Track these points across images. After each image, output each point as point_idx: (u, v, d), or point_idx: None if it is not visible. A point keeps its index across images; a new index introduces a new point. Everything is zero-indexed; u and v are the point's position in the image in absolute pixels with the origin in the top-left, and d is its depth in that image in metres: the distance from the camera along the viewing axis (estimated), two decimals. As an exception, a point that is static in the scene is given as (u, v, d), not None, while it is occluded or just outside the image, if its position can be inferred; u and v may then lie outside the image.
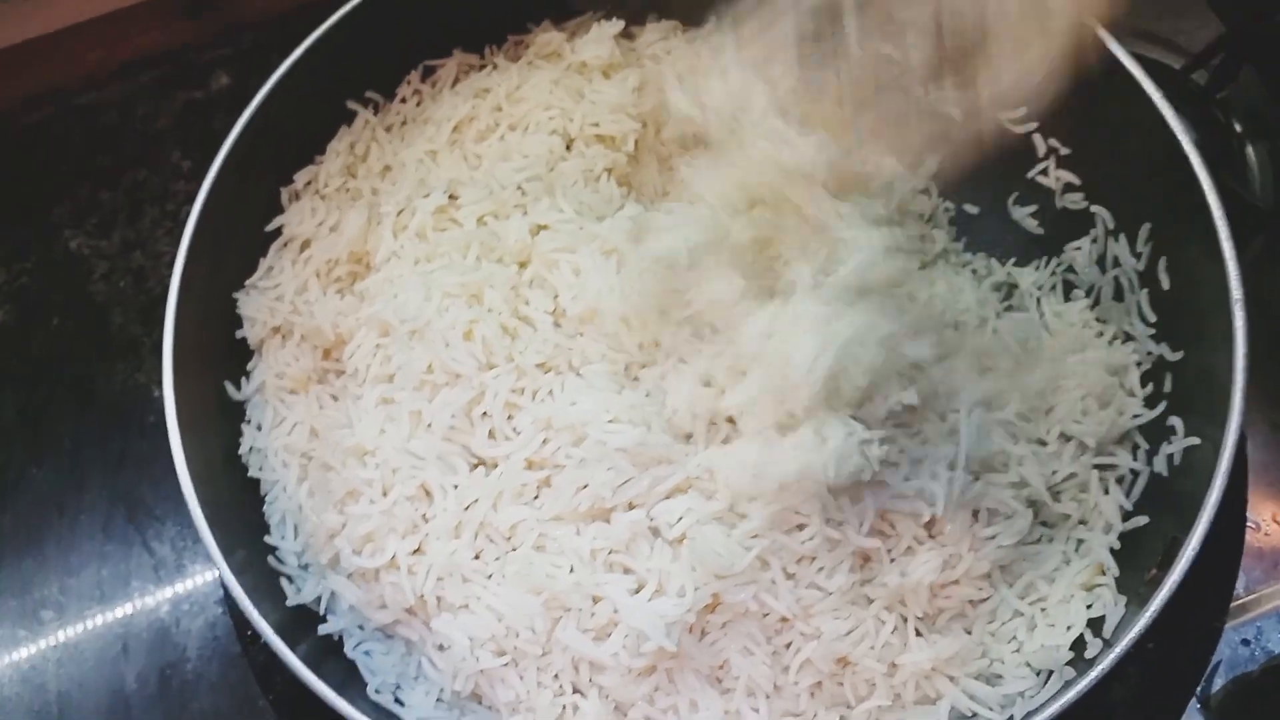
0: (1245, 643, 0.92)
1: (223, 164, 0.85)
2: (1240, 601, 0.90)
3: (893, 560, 0.76)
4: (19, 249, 1.11)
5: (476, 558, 0.76)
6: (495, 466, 0.78)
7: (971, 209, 0.96)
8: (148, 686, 0.89)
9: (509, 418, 0.79)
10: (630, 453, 0.74)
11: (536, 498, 0.77)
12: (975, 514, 0.77)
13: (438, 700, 0.77)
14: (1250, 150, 1.06)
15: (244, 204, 0.90)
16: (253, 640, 0.89)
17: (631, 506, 0.75)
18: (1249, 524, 0.90)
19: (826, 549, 0.73)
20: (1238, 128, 1.06)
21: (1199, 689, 0.86)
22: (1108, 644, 0.74)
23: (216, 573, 0.93)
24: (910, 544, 0.76)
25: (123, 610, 0.93)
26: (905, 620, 0.76)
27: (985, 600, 0.78)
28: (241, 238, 0.91)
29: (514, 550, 0.76)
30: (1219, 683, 0.90)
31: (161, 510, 0.97)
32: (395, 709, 0.76)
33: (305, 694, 0.71)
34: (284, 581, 0.80)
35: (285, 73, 0.89)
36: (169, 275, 1.05)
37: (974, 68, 0.71)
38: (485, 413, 0.79)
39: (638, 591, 0.72)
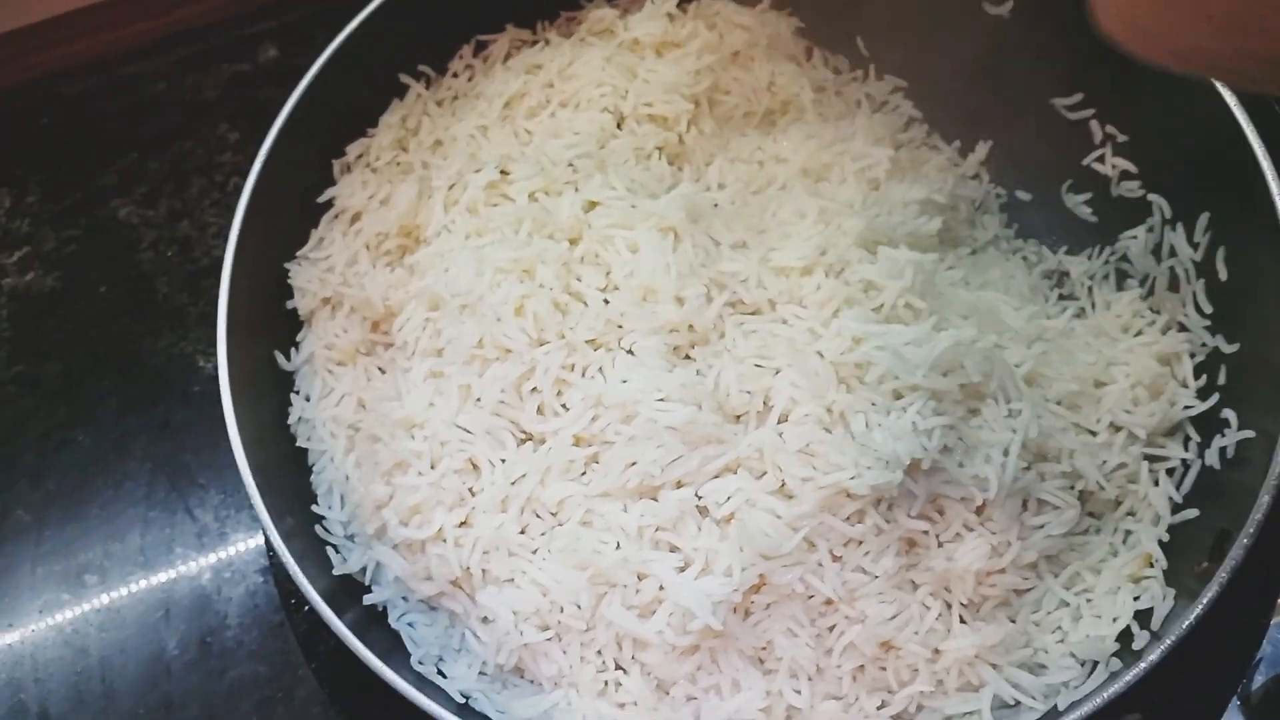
0: (1288, 640, 0.89)
1: (277, 134, 0.85)
2: (1285, 598, 0.88)
3: (940, 545, 0.75)
4: (68, 216, 1.11)
5: (523, 532, 0.76)
6: (543, 442, 0.78)
7: (1023, 195, 0.95)
8: (188, 652, 0.89)
9: (558, 394, 0.78)
10: (680, 431, 0.73)
11: (584, 474, 0.76)
12: (1024, 503, 0.76)
13: (480, 673, 0.76)
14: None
15: (296, 175, 0.90)
16: (296, 608, 0.89)
17: (680, 485, 0.74)
18: (1297, 519, 0.88)
19: (874, 533, 0.72)
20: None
21: (1240, 687, 0.84)
22: (1155, 636, 0.73)
23: (258, 541, 0.93)
24: (959, 530, 0.75)
25: (165, 576, 0.93)
26: (950, 606, 0.75)
27: (1030, 589, 0.77)
28: (293, 208, 0.91)
29: (560, 525, 0.76)
30: (1260, 680, 0.88)
31: (205, 478, 0.97)
32: (438, 680, 0.76)
33: (348, 663, 0.71)
34: (330, 551, 0.80)
35: (339, 46, 0.89)
36: (215, 246, 1.07)
37: None
38: (535, 388, 0.78)
39: (684, 570, 0.71)
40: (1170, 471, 0.81)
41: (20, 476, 0.98)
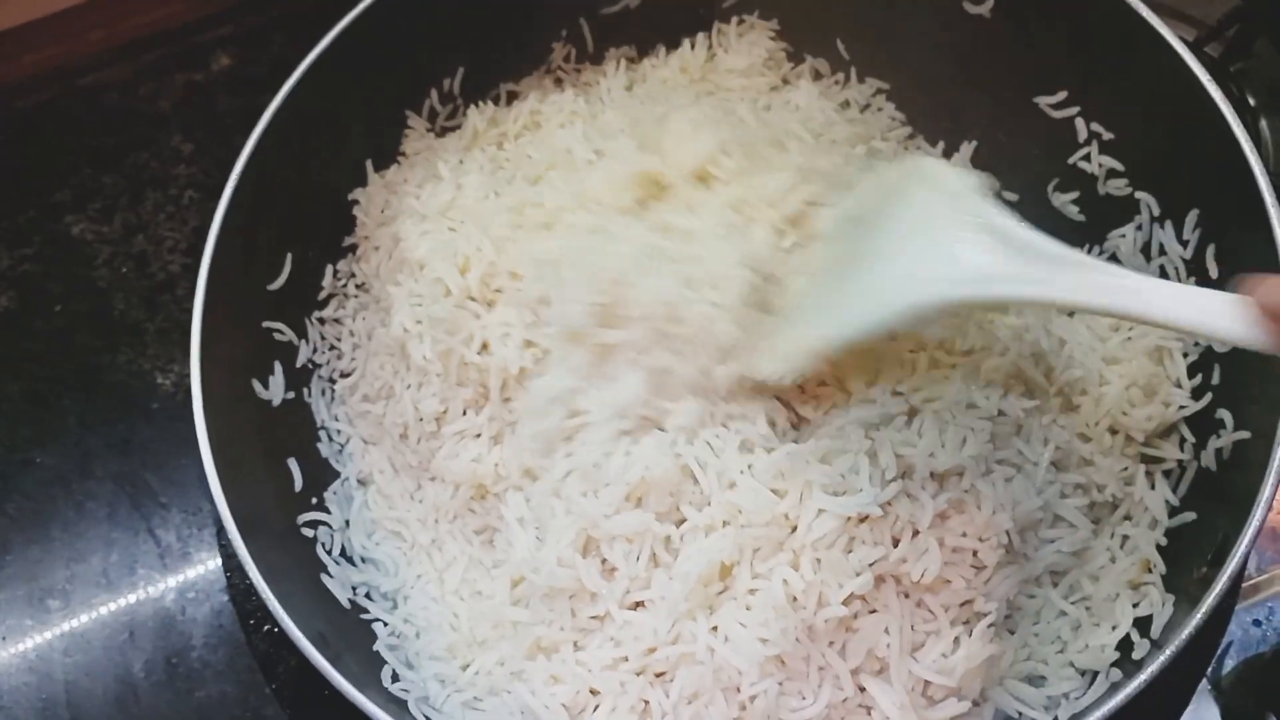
0: (1256, 623, 0.84)
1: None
2: (1252, 582, 0.82)
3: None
4: (22, 234, 1.00)
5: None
6: None
7: (1010, 195, 0.86)
8: (155, 674, 0.81)
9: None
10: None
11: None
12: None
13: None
14: (1264, 124, 0.95)
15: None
16: (255, 628, 0.81)
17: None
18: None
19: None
20: (1251, 101, 0.96)
21: (1209, 670, 0.78)
22: (1155, 645, 0.65)
23: (219, 561, 0.84)
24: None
25: (129, 598, 0.84)
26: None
27: (1031, 600, 0.68)
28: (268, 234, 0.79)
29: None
30: (1230, 664, 0.81)
31: (167, 496, 0.88)
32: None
33: (308, 683, 0.64)
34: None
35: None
36: (171, 261, 0.97)
37: None
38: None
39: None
40: (1167, 474, 0.74)
41: (-19, 499, 0.89)
